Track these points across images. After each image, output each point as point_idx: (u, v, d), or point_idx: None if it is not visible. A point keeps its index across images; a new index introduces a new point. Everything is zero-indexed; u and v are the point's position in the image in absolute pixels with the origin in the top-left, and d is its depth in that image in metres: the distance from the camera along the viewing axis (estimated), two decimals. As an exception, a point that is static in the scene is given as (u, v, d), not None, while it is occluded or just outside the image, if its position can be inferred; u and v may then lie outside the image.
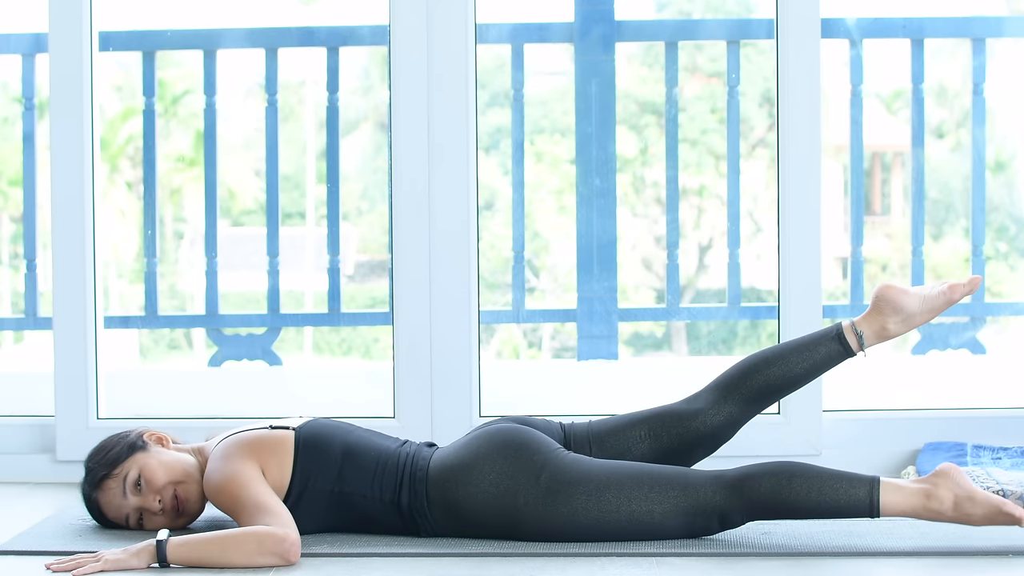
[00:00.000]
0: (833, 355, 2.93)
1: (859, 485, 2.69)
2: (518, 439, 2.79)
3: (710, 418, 2.94)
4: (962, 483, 2.69)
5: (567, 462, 2.77)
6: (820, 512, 2.69)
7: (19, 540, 2.87)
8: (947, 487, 2.69)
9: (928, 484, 2.70)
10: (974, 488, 2.68)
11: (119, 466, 2.84)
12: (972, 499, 2.67)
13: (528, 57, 4.37)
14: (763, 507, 2.71)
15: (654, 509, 2.73)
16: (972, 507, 2.67)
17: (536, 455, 2.77)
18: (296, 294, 9.77)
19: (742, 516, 2.73)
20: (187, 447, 2.94)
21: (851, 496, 2.68)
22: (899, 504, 2.69)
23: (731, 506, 2.72)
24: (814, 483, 2.69)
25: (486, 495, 2.75)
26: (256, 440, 2.80)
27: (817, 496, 2.69)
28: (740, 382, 2.94)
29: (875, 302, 2.93)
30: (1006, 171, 7.52)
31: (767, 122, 8.82)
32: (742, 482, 2.72)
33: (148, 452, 2.86)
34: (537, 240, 9.34)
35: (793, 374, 2.93)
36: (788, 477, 2.70)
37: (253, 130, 10.27)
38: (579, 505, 2.73)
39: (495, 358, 9.06)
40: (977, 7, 5.63)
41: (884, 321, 2.92)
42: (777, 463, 2.74)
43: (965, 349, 4.58)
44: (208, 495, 2.77)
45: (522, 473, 2.75)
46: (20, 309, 8.05)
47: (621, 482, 2.74)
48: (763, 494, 2.70)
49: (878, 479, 2.70)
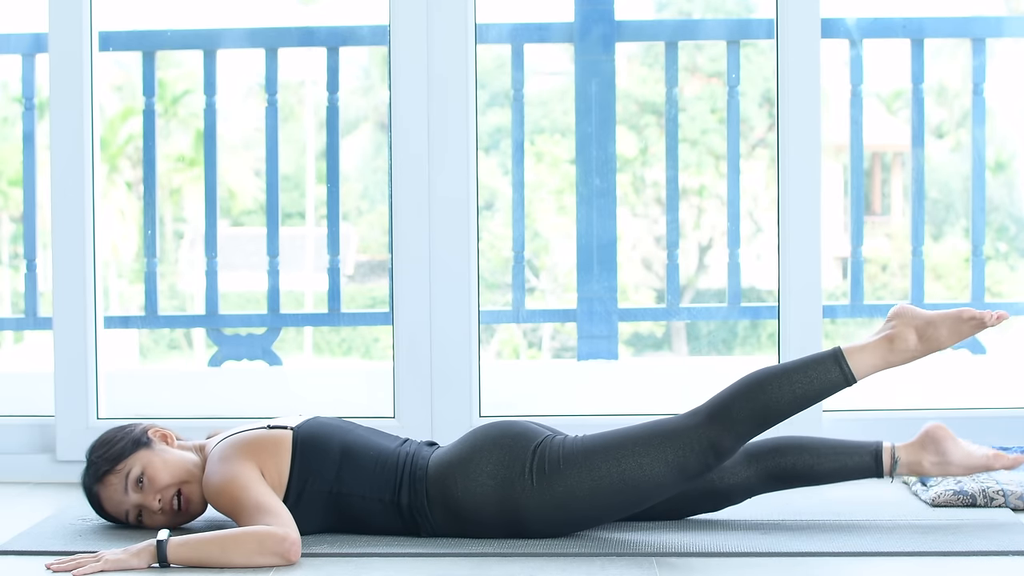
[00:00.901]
0: (863, 469, 2.95)
1: (825, 362, 2.74)
2: (511, 430, 2.81)
3: (729, 476, 2.95)
4: (918, 313, 2.75)
5: (556, 442, 2.79)
6: (802, 401, 2.73)
7: (19, 540, 2.87)
8: (905, 323, 2.75)
9: (888, 330, 2.77)
10: (930, 313, 2.73)
11: (122, 462, 2.84)
12: (932, 323, 2.74)
13: (528, 57, 4.36)
14: (749, 422, 2.73)
15: (643, 463, 2.73)
16: (935, 330, 2.74)
17: (528, 442, 2.78)
18: (296, 294, 9.77)
19: (732, 440, 2.73)
20: (190, 444, 2.94)
21: (823, 376, 2.73)
22: (868, 361, 2.74)
23: (717, 433, 2.73)
24: (784, 380, 2.73)
25: (484, 488, 2.76)
26: (254, 441, 2.80)
27: (792, 388, 2.73)
28: (770, 456, 2.96)
29: (924, 436, 2.97)
30: (1006, 171, 7.52)
31: (767, 122, 8.82)
32: (720, 408, 2.74)
33: (152, 450, 2.85)
34: (537, 240, 9.34)
35: (821, 471, 2.95)
36: (758, 384, 2.73)
37: (253, 130, 10.27)
38: (573, 480, 2.74)
39: (495, 358, 9.07)
40: (977, 7, 5.63)
41: (923, 458, 2.96)
42: (744, 377, 2.77)
43: (965, 349, 4.58)
44: (208, 497, 2.77)
45: (516, 461, 2.76)
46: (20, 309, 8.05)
47: (607, 446, 2.75)
48: (743, 410, 2.73)
49: (840, 348, 2.75)
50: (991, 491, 3.09)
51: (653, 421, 2.79)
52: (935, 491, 3.12)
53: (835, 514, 3.01)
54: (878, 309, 4.55)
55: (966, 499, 3.08)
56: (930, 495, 3.12)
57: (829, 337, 3.58)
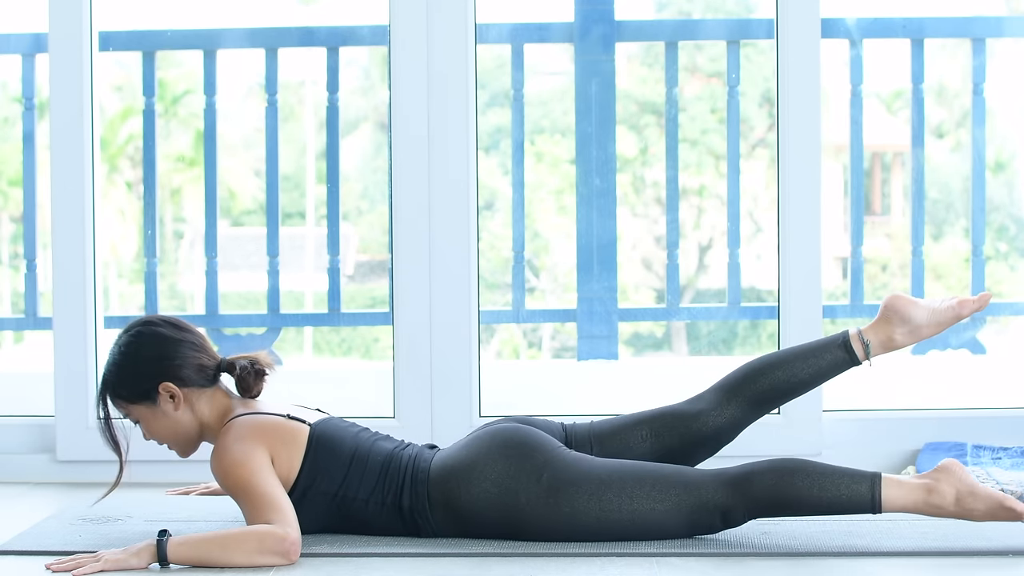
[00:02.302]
0: (838, 362, 2.94)
1: (861, 481, 2.69)
2: (519, 438, 2.79)
3: (713, 419, 2.94)
4: (964, 478, 2.69)
5: (568, 461, 2.77)
6: (822, 508, 2.70)
7: (19, 540, 2.86)
8: (949, 482, 2.69)
9: (930, 479, 2.70)
10: (975, 483, 2.68)
11: (122, 406, 2.84)
12: (974, 494, 2.67)
13: (528, 57, 4.36)
14: (765, 504, 2.71)
15: (656, 507, 2.73)
16: (974, 502, 2.67)
17: (537, 454, 2.77)
18: (296, 294, 9.77)
19: (744, 514, 2.73)
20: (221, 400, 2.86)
21: (853, 492, 2.69)
22: (901, 499, 2.69)
23: (733, 503, 2.72)
24: (815, 479, 2.69)
25: (487, 494, 2.75)
26: (271, 427, 2.79)
27: (819, 492, 2.69)
28: (744, 384, 2.95)
29: (883, 311, 2.95)
30: (1006, 171, 7.52)
31: (767, 122, 8.83)
32: (744, 479, 2.72)
33: (153, 408, 2.84)
34: (537, 240, 9.34)
35: (797, 379, 2.94)
36: (790, 473, 2.70)
37: (253, 130, 10.28)
38: (581, 505, 2.73)
39: (495, 358, 9.07)
40: (977, 7, 5.63)
41: (891, 331, 2.94)
42: (779, 460, 2.74)
43: (965, 349, 4.58)
44: (214, 472, 2.75)
45: (524, 472, 2.75)
46: (20, 309, 8.04)
47: (623, 481, 2.74)
48: (765, 491, 2.70)
49: (879, 475, 2.70)
50: (991, 491, 3.09)
51: (674, 467, 2.78)
52: (935, 491, 3.12)
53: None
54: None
55: (966, 499, 3.08)
56: (930, 495, 3.12)
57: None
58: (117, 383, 2.83)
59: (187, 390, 2.83)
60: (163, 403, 2.83)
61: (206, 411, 2.86)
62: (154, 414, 2.84)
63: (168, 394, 2.82)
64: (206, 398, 2.86)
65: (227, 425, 2.80)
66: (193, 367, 2.84)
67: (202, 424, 2.86)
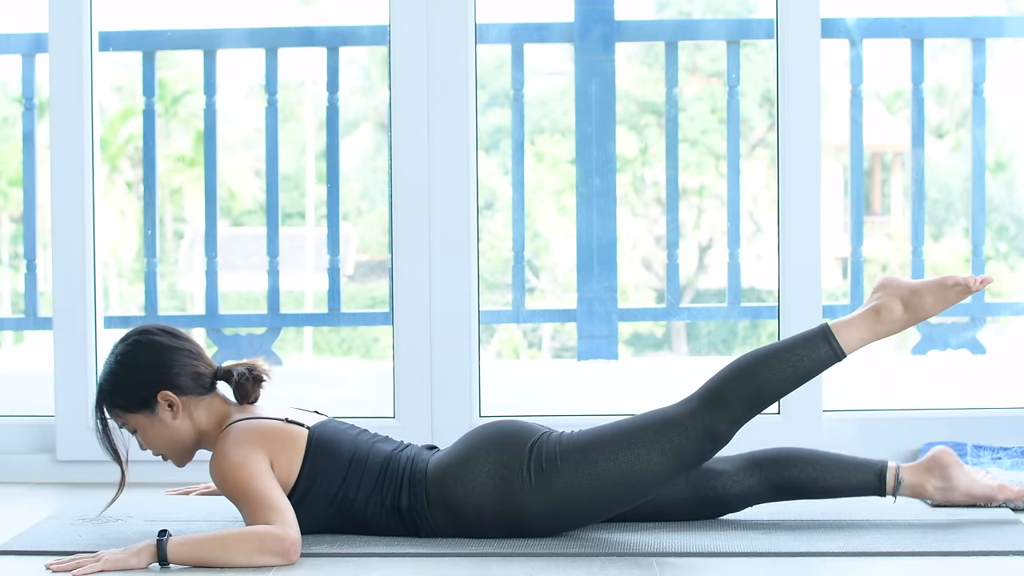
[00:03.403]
0: (866, 487, 2.94)
1: (814, 340, 2.75)
2: (507, 428, 2.82)
3: (731, 484, 2.95)
4: (902, 283, 2.76)
5: (553, 439, 2.80)
6: (793, 380, 2.74)
7: (19, 540, 2.87)
8: (890, 293, 2.76)
9: (873, 301, 2.78)
10: (914, 282, 2.75)
11: (120, 416, 2.84)
12: (917, 291, 2.75)
13: (528, 57, 4.36)
14: (742, 405, 2.73)
15: (639, 454, 2.73)
16: (920, 299, 2.75)
17: (525, 440, 2.79)
18: (296, 294, 9.77)
19: (727, 424, 2.74)
20: (218, 408, 2.87)
21: (813, 354, 2.74)
22: (856, 334, 2.75)
23: (712, 419, 2.73)
24: (774, 360, 2.74)
25: (483, 487, 2.76)
26: (270, 431, 2.79)
27: (781, 368, 2.74)
28: (775, 467, 2.95)
29: (929, 461, 2.96)
30: (1006, 171, 7.52)
31: (767, 122, 8.83)
32: (711, 393, 2.75)
33: (152, 417, 2.83)
34: (537, 240, 9.34)
35: (823, 485, 2.95)
36: (750, 366, 2.75)
37: (253, 130, 10.28)
38: (570, 476, 2.74)
39: (495, 358, 9.07)
40: (977, 7, 5.63)
41: (927, 481, 2.95)
42: (735, 362, 2.78)
43: (965, 349, 4.58)
44: (213, 477, 2.75)
45: (515, 460, 2.76)
46: (20, 309, 8.05)
47: (603, 440, 2.76)
48: (735, 392, 2.74)
49: (827, 324, 2.76)
50: (991, 491, 3.09)
51: (648, 412, 2.80)
52: (935, 491, 3.12)
53: (835, 514, 3.01)
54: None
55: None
56: (930, 495, 3.12)
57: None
58: (115, 392, 2.83)
59: (185, 398, 2.84)
60: (161, 412, 2.83)
61: (204, 419, 2.86)
62: (152, 423, 2.84)
63: (166, 402, 2.82)
64: (204, 406, 2.86)
65: (225, 430, 2.80)
66: (190, 375, 2.84)
67: (200, 432, 2.86)
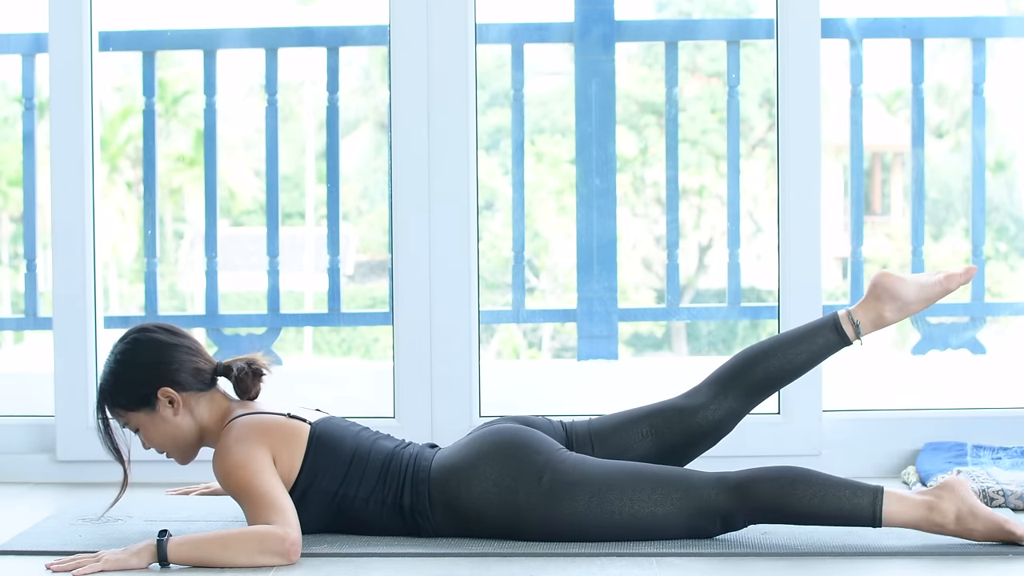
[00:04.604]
0: (831, 344, 2.95)
1: (863, 494, 2.69)
2: (519, 439, 2.80)
3: (711, 412, 2.95)
4: (966, 497, 2.69)
5: (569, 463, 2.77)
6: (822, 518, 2.70)
7: (19, 540, 2.87)
8: (951, 500, 2.69)
9: (932, 496, 2.70)
10: (977, 503, 2.68)
11: (121, 415, 2.84)
12: (975, 514, 2.67)
13: (528, 57, 4.36)
14: (765, 510, 2.71)
15: (656, 511, 2.73)
16: (974, 522, 2.68)
17: (538, 455, 2.77)
18: (296, 294, 9.77)
19: (744, 519, 2.73)
20: (220, 403, 2.87)
21: (854, 504, 2.69)
22: (902, 515, 2.69)
23: (733, 508, 2.72)
24: (817, 489, 2.69)
25: (488, 494, 2.75)
26: (272, 427, 2.79)
27: (820, 503, 2.69)
28: (739, 375, 2.96)
29: (872, 289, 2.96)
30: (1006, 171, 7.52)
31: (767, 122, 8.82)
32: (745, 485, 2.72)
33: (152, 414, 2.83)
34: (537, 240, 9.34)
35: (792, 365, 2.95)
36: (791, 482, 2.70)
37: (253, 130, 10.27)
38: (581, 506, 2.73)
39: (495, 358, 9.07)
40: (977, 7, 5.63)
41: (881, 309, 2.95)
42: (782, 467, 2.74)
43: (965, 349, 4.58)
44: (216, 474, 2.75)
45: (524, 473, 2.75)
46: (20, 309, 8.05)
47: (623, 483, 2.74)
48: (766, 497, 2.70)
49: (882, 489, 2.69)
50: (991, 491, 3.09)
51: (676, 469, 2.79)
52: (935, 491, 3.12)
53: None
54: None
55: (966, 499, 3.08)
56: (930, 495, 3.12)
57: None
58: (115, 391, 2.84)
59: (185, 395, 2.84)
60: (162, 409, 2.83)
61: (205, 414, 2.86)
62: (153, 420, 2.84)
63: (167, 399, 2.82)
64: (205, 401, 2.86)
65: (227, 426, 2.80)
66: (190, 371, 2.84)
67: (202, 428, 2.86)
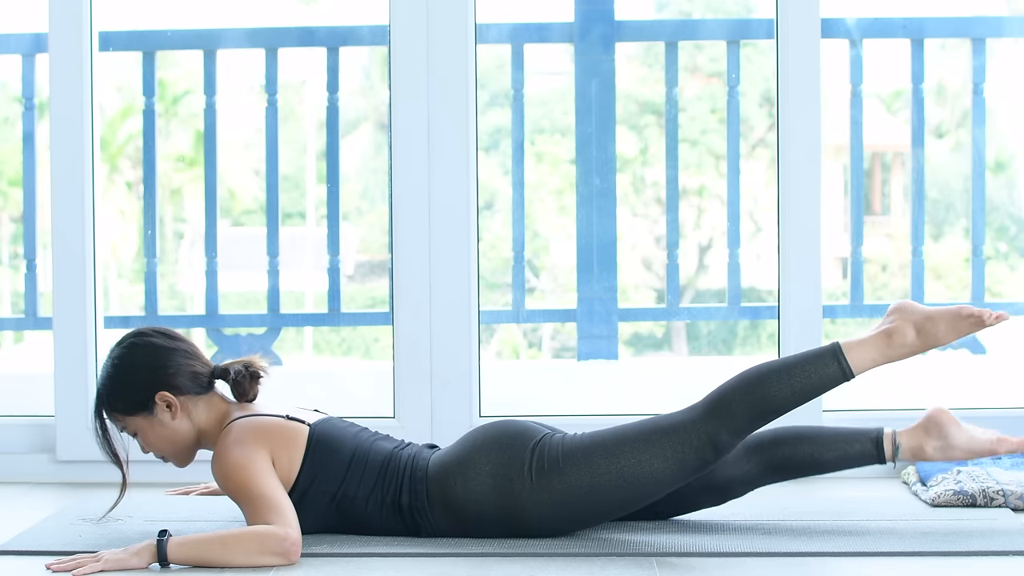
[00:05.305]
0: (864, 455, 2.93)
1: (824, 358, 2.74)
2: (509, 429, 2.82)
3: (729, 469, 2.93)
4: (917, 308, 2.75)
5: (556, 440, 2.79)
6: (800, 396, 2.73)
7: (19, 540, 2.87)
8: (904, 318, 2.75)
9: (886, 324, 2.76)
10: (930, 309, 2.73)
11: (119, 419, 2.84)
12: (931, 318, 2.73)
13: (528, 57, 4.37)
14: (748, 416, 2.72)
15: (642, 459, 2.73)
16: (934, 326, 2.73)
17: (527, 440, 2.79)
18: (296, 294, 9.77)
19: (730, 435, 2.73)
20: (218, 406, 2.87)
21: (822, 372, 2.73)
22: (867, 355, 2.74)
23: (715, 428, 2.72)
24: (783, 375, 2.73)
25: (484, 487, 2.76)
26: (271, 428, 2.79)
27: (789, 383, 2.72)
28: (769, 447, 2.94)
29: (925, 420, 2.95)
30: (1006, 171, 7.52)
31: (767, 122, 8.83)
32: (717, 402, 2.74)
33: (150, 419, 2.83)
34: (537, 240, 9.35)
35: (822, 460, 2.93)
36: (757, 379, 2.73)
37: (253, 130, 10.27)
38: (572, 478, 2.74)
39: (495, 358, 9.07)
40: (977, 7, 5.64)
41: (925, 442, 2.94)
42: (742, 373, 2.77)
43: (965, 349, 4.58)
44: (215, 476, 2.76)
45: (516, 459, 2.76)
46: (20, 309, 8.05)
47: (605, 444, 2.76)
48: (741, 404, 2.72)
49: (838, 344, 2.74)
50: (991, 491, 3.09)
51: (652, 417, 2.80)
52: (935, 491, 3.12)
53: (835, 514, 3.01)
54: (878, 309, 4.55)
55: (966, 499, 3.08)
56: (930, 495, 3.12)
57: (829, 337, 3.57)
58: (113, 396, 2.84)
59: (183, 398, 2.84)
60: (160, 412, 2.83)
61: (203, 417, 2.86)
62: (151, 424, 2.84)
63: (165, 403, 2.83)
64: (203, 405, 2.86)
65: (226, 428, 2.80)
66: (187, 375, 2.85)
67: (200, 431, 2.86)
